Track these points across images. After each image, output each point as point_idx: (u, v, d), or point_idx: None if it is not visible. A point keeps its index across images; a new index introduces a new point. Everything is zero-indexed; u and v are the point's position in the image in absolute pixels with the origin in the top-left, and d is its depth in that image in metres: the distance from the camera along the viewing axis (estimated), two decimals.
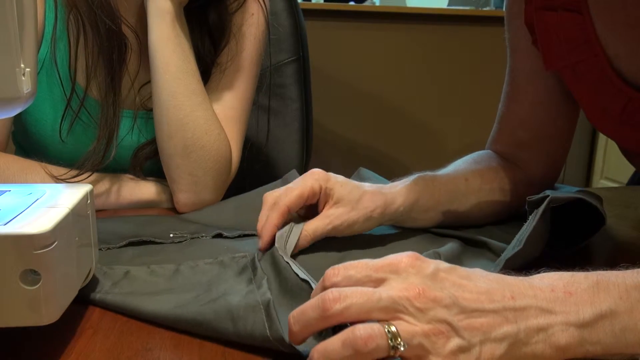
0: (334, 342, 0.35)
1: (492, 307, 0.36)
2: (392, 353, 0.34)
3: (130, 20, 0.79)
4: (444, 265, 0.38)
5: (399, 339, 0.34)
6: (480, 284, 0.38)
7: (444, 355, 0.35)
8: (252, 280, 0.50)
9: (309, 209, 0.62)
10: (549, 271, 0.40)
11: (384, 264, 0.38)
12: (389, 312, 0.35)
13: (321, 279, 0.39)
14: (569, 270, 0.40)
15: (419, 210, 0.64)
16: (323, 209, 0.60)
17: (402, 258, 0.38)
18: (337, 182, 0.60)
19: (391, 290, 0.36)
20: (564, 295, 0.37)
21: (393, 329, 0.35)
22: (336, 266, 0.39)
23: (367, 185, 0.62)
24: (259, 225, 0.59)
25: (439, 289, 0.36)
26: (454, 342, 0.35)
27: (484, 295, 0.37)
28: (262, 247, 0.57)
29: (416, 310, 0.35)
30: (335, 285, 0.38)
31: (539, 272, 0.40)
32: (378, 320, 0.36)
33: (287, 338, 0.40)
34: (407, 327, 0.35)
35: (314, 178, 0.60)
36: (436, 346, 0.35)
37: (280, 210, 0.58)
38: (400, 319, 0.35)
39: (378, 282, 0.37)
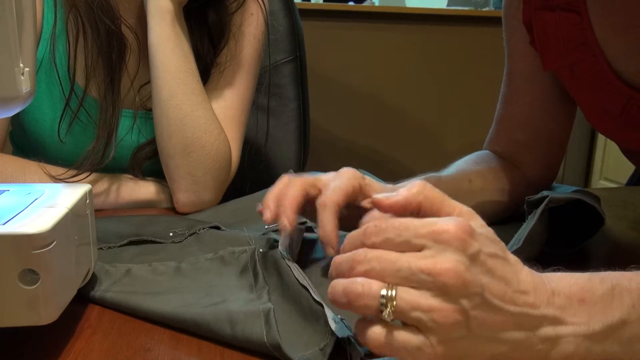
0: (337, 286, 0.36)
1: (512, 310, 0.35)
2: (385, 317, 0.34)
3: (129, 20, 0.79)
4: (490, 248, 0.36)
5: (390, 307, 0.34)
6: (515, 281, 0.36)
7: (443, 340, 0.34)
8: (254, 288, 0.50)
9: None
10: (564, 271, 0.39)
11: (428, 231, 0.35)
12: (403, 280, 0.34)
13: (363, 227, 0.38)
14: (582, 270, 0.39)
15: None
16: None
17: (450, 227, 0.35)
18: (370, 179, 0.58)
19: (419, 261, 0.34)
20: (578, 302, 0.37)
21: (391, 293, 0.34)
22: (379, 223, 0.37)
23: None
24: (266, 212, 0.55)
25: (472, 273, 0.34)
26: (459, 332, 0.34)
27: (510, 294, 0.35)
28: (332, 253, 0.53)
29: (437, 286, 0.34)
30: (373, 246, 0.37)
31: (555, 271, 0.39)
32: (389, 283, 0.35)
33: (284, 346, 0.41)
34: (412, 297, 0.34)
35: (349, 177, 0.56)
36: (439, 329, 0.34)
37: (333, 210, 0.54)
38: (413, 288, 0.34)
39: (417, 249, 0.36)
